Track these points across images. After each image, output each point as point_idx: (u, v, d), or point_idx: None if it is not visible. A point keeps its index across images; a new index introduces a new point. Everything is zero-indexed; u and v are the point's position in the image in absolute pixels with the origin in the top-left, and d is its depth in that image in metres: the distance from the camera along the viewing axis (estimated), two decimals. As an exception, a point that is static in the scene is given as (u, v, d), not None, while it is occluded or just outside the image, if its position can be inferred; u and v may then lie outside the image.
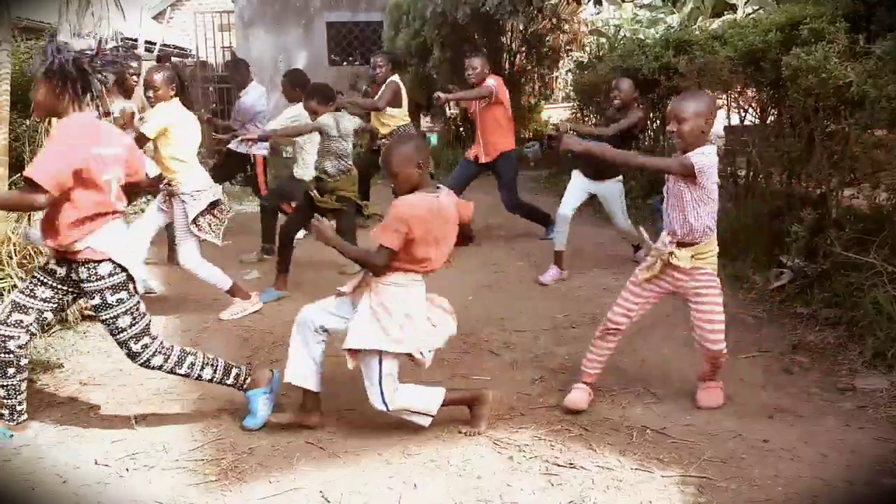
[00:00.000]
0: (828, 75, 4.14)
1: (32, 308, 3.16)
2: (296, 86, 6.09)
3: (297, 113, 5.89)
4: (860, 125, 4.21)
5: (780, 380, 3.69)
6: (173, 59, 13.98)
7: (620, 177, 5.43)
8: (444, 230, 3.13)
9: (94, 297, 3.12)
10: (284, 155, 6.74)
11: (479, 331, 4.45)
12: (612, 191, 5.43)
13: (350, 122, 5.29)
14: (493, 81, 6.28)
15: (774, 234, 4.95)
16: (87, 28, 5.19)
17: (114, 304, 3.11)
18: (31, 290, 3.16)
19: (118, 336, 3.15)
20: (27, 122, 5.84)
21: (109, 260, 3.08)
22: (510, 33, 11.48)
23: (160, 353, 3.22)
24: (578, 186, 5.47)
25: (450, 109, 12.14)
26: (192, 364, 3.29)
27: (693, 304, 3.36)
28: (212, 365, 3.34)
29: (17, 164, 5.71)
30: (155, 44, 14.03)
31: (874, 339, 3.80)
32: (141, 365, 3.21)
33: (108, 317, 3.13)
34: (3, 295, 4.24)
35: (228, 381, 3.36)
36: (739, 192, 6.08)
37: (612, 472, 2.91)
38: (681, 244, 3.27)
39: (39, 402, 3.64)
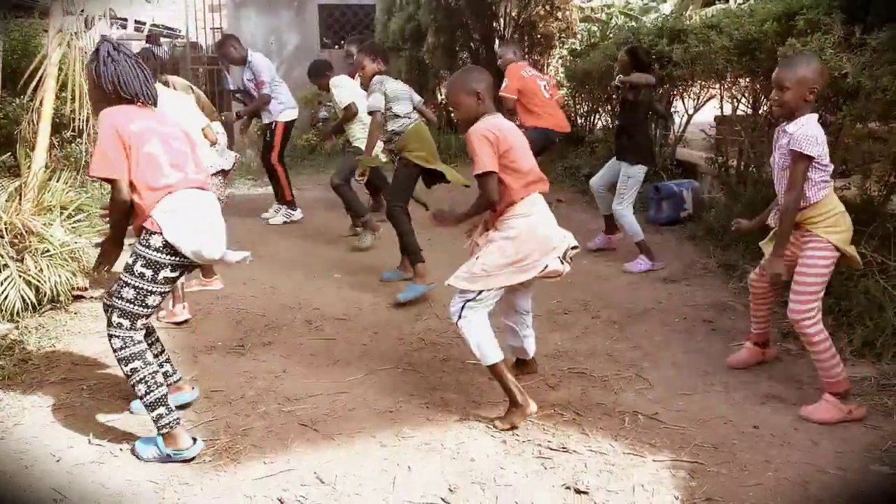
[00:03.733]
0: (824, 66, 4.14)
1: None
2: (323, 72, 6.45)
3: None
4: (853, 116, 4.23)
5: (770, 367, 3.72)
6: (162, 38, 13.87)
7: (639, 166, 5.39)
8: (524, 140, 3.22)
9: (130, 256, 3.00)
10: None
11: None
12: (623, 172, 5.41)
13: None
14: (504, 84, 6.40)
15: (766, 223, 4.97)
16: (79, 7, 5.13)
17: (135, 272, 2.97)
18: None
19: (113, 298, 3.00)
20: (17, 100, 5.78)
21: (161, 234, 2.95)
22: (503, 19, 11.44)
23: (124, 340, 2.99)
24: (613, 161, 5.59)
25: (440, 96, 12.10)
26: (136, 370, 2.97)
27: (796, 268, 3.27)
28: (149, 389, 2.96)
29: (6, 142, 5.67)
30: (145, 23, 13.90)
31: (864, 328, 3.83)
32: (107, 335, 3.01)
33: (122, 278, 3.00)
34: (-7, 273, 4.22)
35: (150, 414, 2.96)
36: (731, 181, 6.11)
37: (604, 456, 2.93)
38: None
39: (32, 382, 3.63)
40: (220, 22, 14.00)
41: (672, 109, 8.09)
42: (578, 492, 2.70)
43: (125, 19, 12.34)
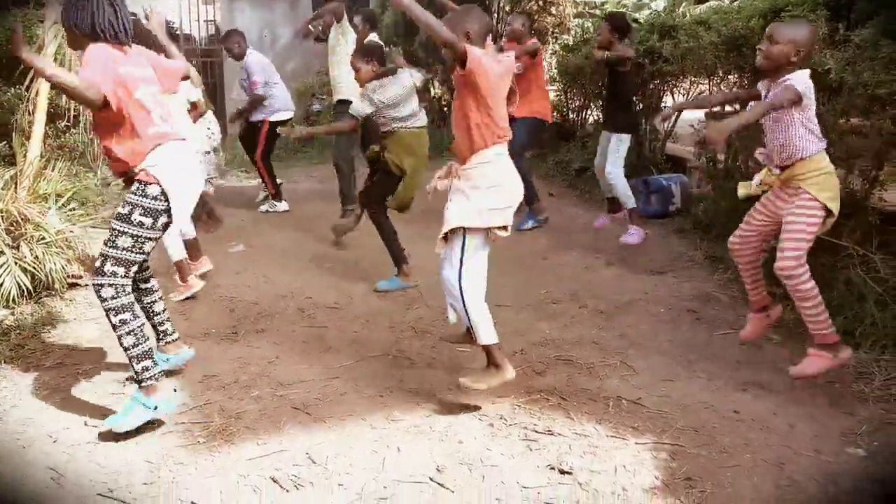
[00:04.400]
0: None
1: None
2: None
3: None
4: (837, 111, 4.31)
5: (752, 355, 3.81)
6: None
7: (628, 135, 5.59)
8: (505, 82, 3.21)
9: (123, 207, 3.07)
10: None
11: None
12: (613, 140, 5.56)
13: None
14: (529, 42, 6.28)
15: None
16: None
17: (133, 222, 3.05)
18: None
19: (105, 248, 3.07)
20: (12, 89, 5.82)
21: (159, 184, 3.07)
22: (497, 14, 11.49)
23: (117, 289, 3.05)
24: (602, 136, 5.74)
25: (434, 89, 12.15)
26: (126, 322, 3.06)
27: (784, 225, 3.32)
28: (137, 340, 3.09)
29: (1, 132, 5.72)
30: (135, 15, 13.88)
31: (843, 318, 3.92)
32: (94, 285, 3.06)
33: (116, 227, 3.07)
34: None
35: (135, 366, 3.09)
36: (719, 175, 6.19)
37: (588, 438, 3.02)
38: (782, 168, 3.34)
39: (28, 366, 3.69)
40: (214, 14, 14.02)
41: (662, 105, 8.18)
42: (562, 472, 2.79)
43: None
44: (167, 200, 3.09)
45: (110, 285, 3.05)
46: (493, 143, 3.20)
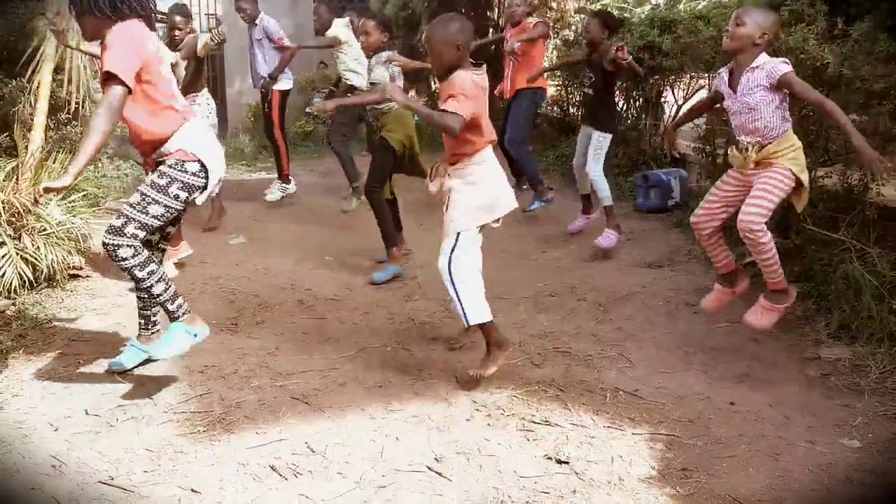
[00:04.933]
0: (806, 56, 4.24)
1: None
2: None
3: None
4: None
5: (749, 348, 3.83)
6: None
7: (610, 134, 5.51)
8: (485, 102, 3.35)
9: (161, 178, 3.14)
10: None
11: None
12: (596, 137, 5.49)
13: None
14: (534, 25, 6.33)
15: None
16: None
17: (169, 194, 3.14)
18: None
19: (132, 210, 3.11)
20: (14, 81, 5.84)
21: (199, 161, 3.18)
22: (497, 8, 11.49)
23: (136, 249, 3.11)
24: (582, 134, 5.63)
25: (434, 83, 12.15)
26: (152, 273, 3.17)
27: (754, 188, 3.43)
28: (167, 285, 3.23)
29: (3, 124, 5.73)
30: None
31: (840, 312, 3.94)
32: (111, 245, 3.07)
33: (150, 195, 3.12)
34: (-9, 252, 4.29)
35: (171, 307, 3.24)
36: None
37: (585, 429, 3.04)
38: (762, 146, 3.44)
39: (29, 356, 3.71)
40: (215, 7, 14.02)
41: (662, 99, 8.19)
42: (559, 462, 2.82)
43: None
44: (205, 178, 3.20)
45: (129, 246, 3.10)
46: (483, 147, 3.38)
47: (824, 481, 2.68)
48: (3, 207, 4.50)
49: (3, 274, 4.27)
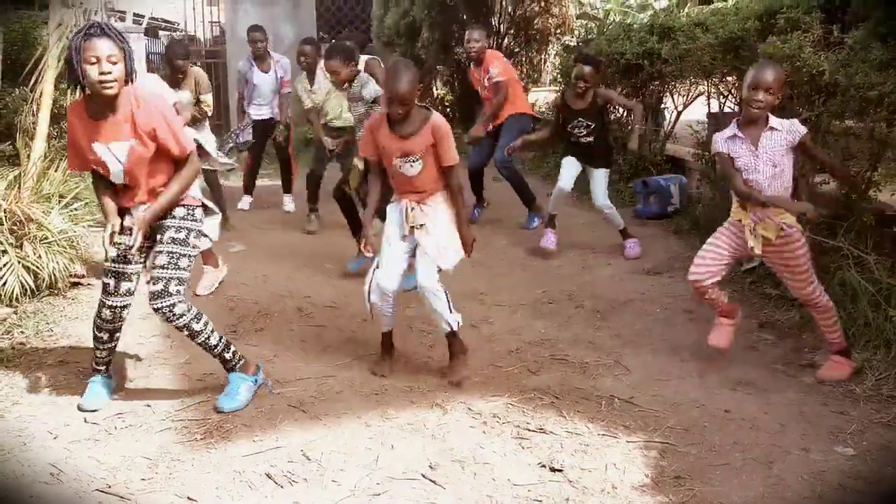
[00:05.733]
0: (802, 64, 4.26)
1: (133, 273, 3.27)
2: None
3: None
4: (832, 113, 4.34)
5: (745, 355, 3.84)
6: (161, 32, 13.97)
7: (609, 169, 5.58)
8: None
9: (179, 232, 3.21)
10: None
11: (460, 305, 4.55)
12: (601, 175, 5.53)
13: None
14: (497, 69, 6.24)
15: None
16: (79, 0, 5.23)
17: (189, 244, 3.24)
18: (124, 257, 3.21)
19: (168, 271, 3.16)
20: (17, 90, 5.88)
21: (203, 206, 3.35)
22: (499, 15, 11.53)
23: (187, 305, 3.20)
24: (573, 163, 5.56)
25: (437, 89, 12.21)
26: (207, 324, 3.27)
27: (778, 264, 3.57)
28: (220, 335, 3.34)
29: (5, 132, 5.78)
30: (143, 16, 13.97)
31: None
32: (165, 308, 3.14)
33: (177, 251, 3.18)
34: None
35: (227, 355, 3.34)
36: (717, 176, 6.21)
37: (580, 436, 3.06)
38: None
39: (30, 364, 3.74)
40: (218, 16, 14.11)
41: (662, 105, 8.21)
42: (553, 470, 2.83)
43: (123, 12, 12.43)
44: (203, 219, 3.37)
45: (182, 302, 3.18)
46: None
47: (817, 489, 2.69)
48: (6, 216, 4.53)
49: (5, 282, 4.30)
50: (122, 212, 3.21)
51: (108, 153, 3.06)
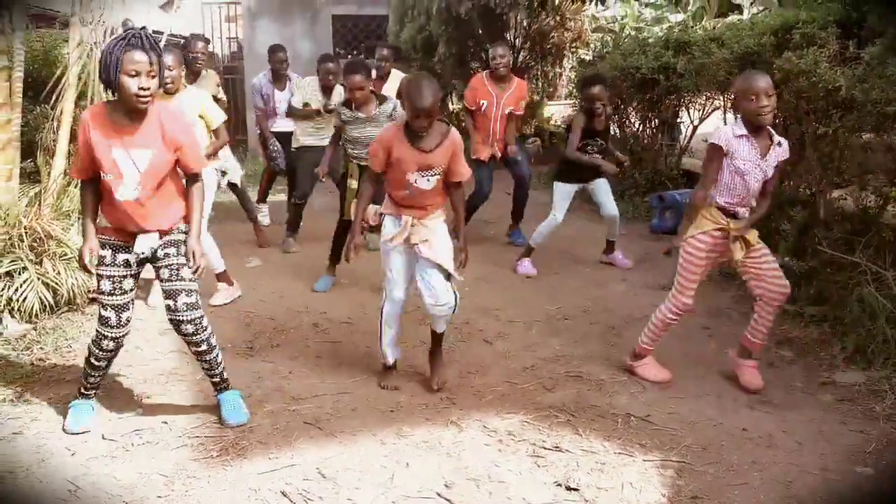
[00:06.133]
0: (818, 79, 4.25)
1: (129, 301, 3.26)
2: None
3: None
4: (848, 128, 4.33)
5: (763, 373, 3.80)
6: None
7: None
8: None
9: (175, 246, 3.21)
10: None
11: (474, 321, 4.57)
12: (602, 182, 5.53)
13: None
14: (524, 101, 6.40)
15: (764, 232, 5.06)
16: (98, 18, 5.28)
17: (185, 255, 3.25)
18: (121, 288, 3.21)
19: (189, 283, 3.19)
20: (38, 108, 5.96)
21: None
22: (514, 30, 11.57)
23: (201, 320, 3.24)
24: (569, 193, 5.55)
25: (452, 104, 12.24)
26: (214, 344, 3.32)
27: (756, 267, 3.57)
28: (220, 352, 3.41)
29: (27, 150, 5.84)
30: (162, 33, 14.11)
31: (856, 336, 3.92)
32: (198, 320, 3.20)
33: (174, 263, 3.20)
34: (13, 276, 4.37)
35: (225, 374, 3.42)
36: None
37: (596, 455, 3.04)
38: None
39: (49, 380, 3.77)
40: (236, 32, 14.25)
41: (678, 120, 8.20)
42: (569, 489, 2.82)
43: (143, 28, 12.64)
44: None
45: (196, 317, 3.23)
46: None
47: (836, 510, 2.67)
48: (26, 233, 4.59)
49: (25, 298, 4.35)
50: (126, 234, 3.18)
51: (128, 160, 3.04)
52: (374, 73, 6.12)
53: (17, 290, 4.34)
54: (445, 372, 3.76)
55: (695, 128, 7.78)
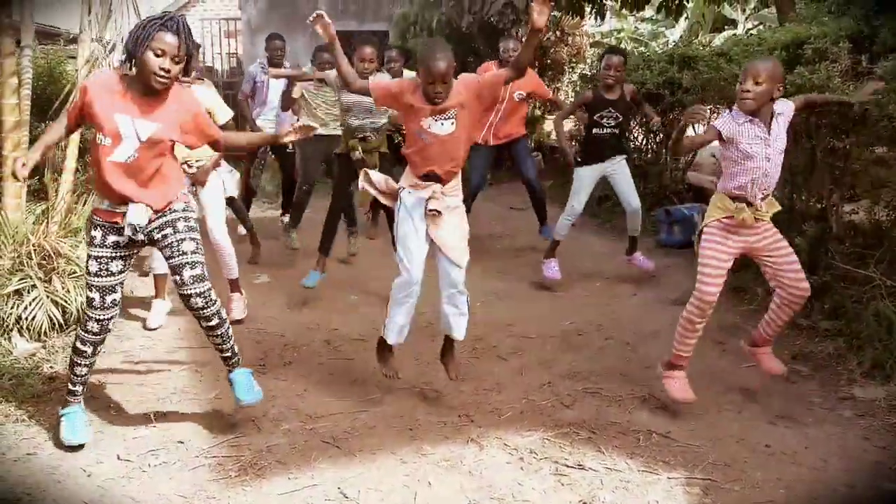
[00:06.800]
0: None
1: (117, 284, 3.22)
2: None
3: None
4: (861, 143, 4.33)
5: (780, 388, 3.79)
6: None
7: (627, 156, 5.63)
8: None
9: (188, 220, 3.24)
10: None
11: (488, 336, 4.54)
12: (622, 166, 5.50)
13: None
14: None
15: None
16: (98, 33, 5.27)
17: (183, 229, 3.21)
18: (108, 270, 3.18)
19: (198, 255, 3.20)
20: (44, 125, 5.93)
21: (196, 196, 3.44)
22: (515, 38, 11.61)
23: (209, 293, 3.22)
24: (590, 179, 5.52)
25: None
26: (225, 317, 3.31)
27: (772, 257, 3.49)
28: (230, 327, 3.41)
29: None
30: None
31: (873, 350, 3.90)
32: (206, 292, 3.18)
33: (196, 237, 3.23)
34: (22, 295, 4.33)
35: (236, 349, 3.42)
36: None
37: (619, 473, 3.01)
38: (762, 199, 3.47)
39: (60, 399, 3.71)
40: (236, 48, 14.28)
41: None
42: (595, 508, 2.79)
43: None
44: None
45: (205, 291, 3.21)
46: None
47: (867, 528, 2.64)
48: (35, 251, 4.55)
49: (34, 317, 4.31)
50: (119, 198, 3.14)
51: (130, 127, 3.02)
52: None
53: (26, 308, 4.30)
54: (457, 364, 3.79)
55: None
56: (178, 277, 3.17)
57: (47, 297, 4.39)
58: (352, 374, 4.11)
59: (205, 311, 3.21)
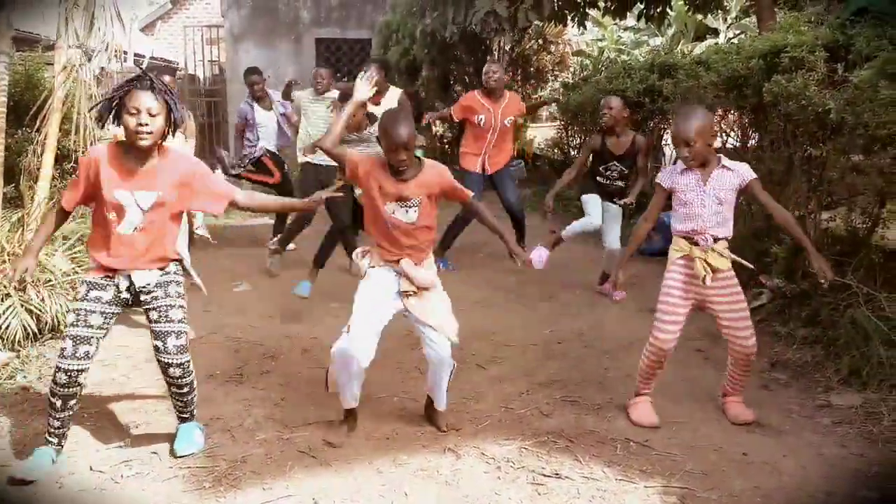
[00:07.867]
0: (807, 102, 4.28)
1: (93, 337, 3.08)
2: None
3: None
4: (838, 150, 4.36)
5: (759, 396, 3.79)
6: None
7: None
8: None
9: (179, 286, 3.21)
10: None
11: (468, 345, 4.50)
12: (617, 209, 5.57)
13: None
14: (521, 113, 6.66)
15: (755, 254, 5.08)
16: (83, 40, 5.22)
17: (175, 294, 3.18)
18: (86, 321, 3.06)
19: (185, 325, 3.17)
20: (20, 132, 5.87)
21: (181, 259, 3.33)
22: (497, 53, 11.64)
23: (189, 364, 3.20)
24: (595, 200, 5.62)
25: (435, 127, 12.26)
26: (195, 385, 3.29)
27: (726, 313, 3.45)
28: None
29: (8, 175, 5.74)
30: (144, 56, 14.05)
31: (850, 357, 3.91)
32: (186, 364, 3.15)
33: (183, 304, 3.20)
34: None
35: (194, 409, 3.36)
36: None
37: (597, 482, 3.00)
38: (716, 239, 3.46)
39: (34, 409, 3.66)
40: (218, 55, 14.22)
41: (663, 143, 8.25)
42: (572, 517, 2.77)
43: (125, 52, 12.55)
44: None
45: (185, 361, 3.19)
46: None
47: (843, 535, 2.64)
48: (9, 259, 4.49)
49: (8, 326, 4.24)
50: (108, 271, 3.12)
51: (131, 200, 3.03)
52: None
53: (0, 316, 4.24)
54: (446, 416, 3.53)
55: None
56: (160, 344, 3.11)
57: (22, 305, 4.34)
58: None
59: (181, 380, 3.17)
